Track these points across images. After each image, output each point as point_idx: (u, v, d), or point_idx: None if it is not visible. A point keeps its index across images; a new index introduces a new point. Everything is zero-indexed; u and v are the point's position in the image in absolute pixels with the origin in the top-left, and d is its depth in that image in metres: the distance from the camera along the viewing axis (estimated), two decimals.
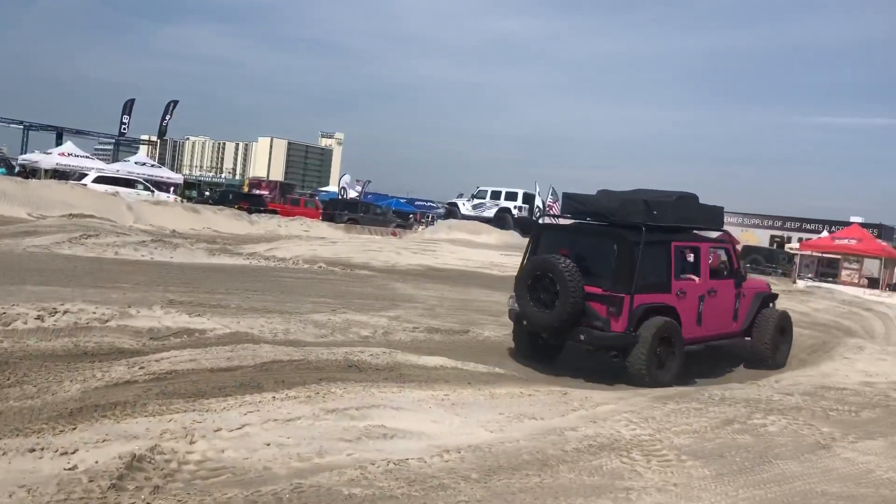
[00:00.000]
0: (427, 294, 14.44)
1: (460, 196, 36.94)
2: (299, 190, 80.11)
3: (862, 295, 23.24)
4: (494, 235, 29.64)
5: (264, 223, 31.31)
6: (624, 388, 7.92)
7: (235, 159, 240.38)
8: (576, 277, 8.41)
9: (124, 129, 46.90)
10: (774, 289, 12.12)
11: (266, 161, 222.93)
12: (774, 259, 39.54)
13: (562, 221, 13.87)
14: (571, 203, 10.06)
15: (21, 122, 44.45)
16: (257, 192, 52.63)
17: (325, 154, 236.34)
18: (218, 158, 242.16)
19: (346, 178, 50.31)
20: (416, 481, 4.21)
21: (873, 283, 33.34)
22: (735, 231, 46.58)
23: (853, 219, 36.05)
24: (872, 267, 36.60)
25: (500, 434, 5.29)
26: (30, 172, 34.86)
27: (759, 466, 5.22)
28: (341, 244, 24.06)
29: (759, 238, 46.03)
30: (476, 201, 34.02)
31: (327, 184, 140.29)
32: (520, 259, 9.62)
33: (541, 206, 33.70)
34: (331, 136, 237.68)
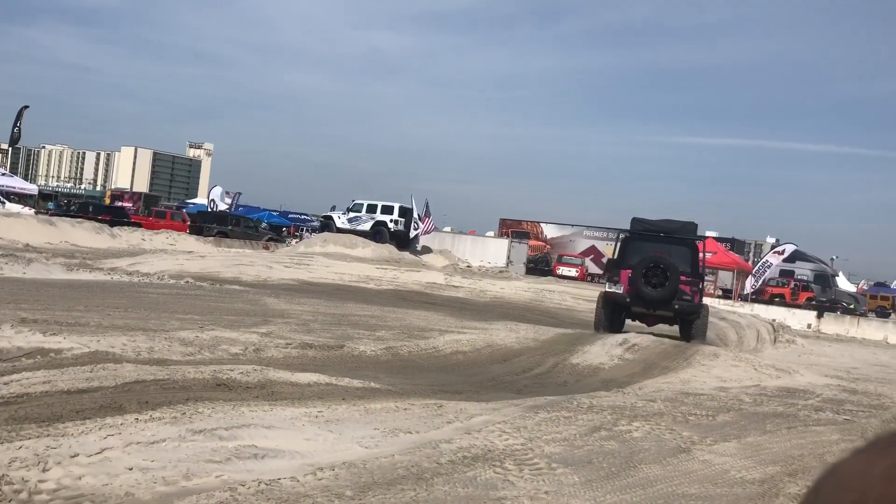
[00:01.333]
0: (301, 309, 14.20)
1: (334, 209, 36.64)
2: (165, 202, 77.08)
3: (717, 305, 24.74)
4: (370, 249, 29.58)
5: (127, 237, 29.88)
6: (497, 400, 8.06)
7: (96, 169, 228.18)
8: (677, 268, 13.84)
9: None
10: None
11: (130, 171, 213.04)
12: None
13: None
14: (641, 223, 15.38)
15: None
16: (120, 204, 50.23)
17: (194, 165, 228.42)
18: (77, 168, 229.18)
19: (217, 189, 48.78)
20: (289, 501, 4.11)
21: (727, 294, 35.65)
22: (600, 245, 48.62)
23: (708, 233, 38.45)
24: (726, 279, 39.15)
25: (375, 449, 5.25)
26: None
27: (624, 471, 5.44)
28: (210, 258, 23.32)
29: None
30: (352, 214, 33.85)
31: (195, 196, 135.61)
32: (395, 273, 10.54)
33: (417, 219, 33.94)
34: (199, 147, 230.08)
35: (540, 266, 42.71)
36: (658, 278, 13.74)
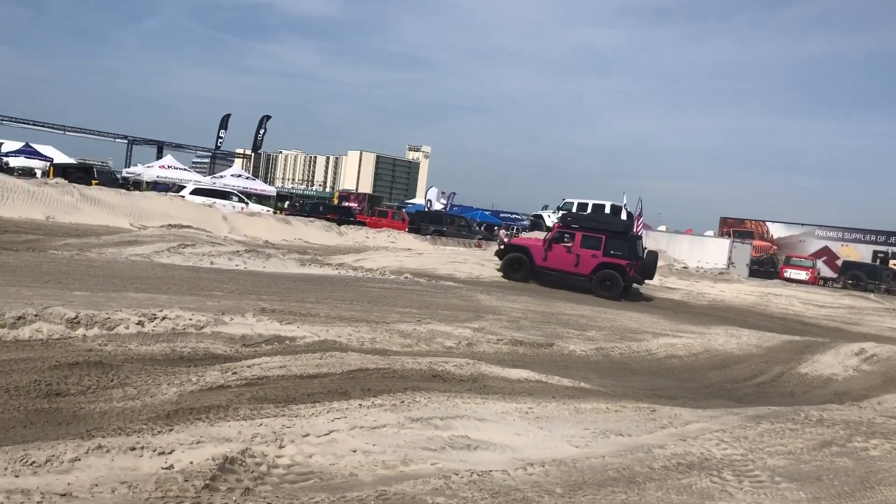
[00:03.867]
0: (511, 306, 14.40)
1: (545, 208, 36.66)
2: (387, 202, 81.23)
3: None
4: None
5: (353, 234, 31.91)
6: (715, 408, 7.68)
7: (326, 172, 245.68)
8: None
9: (220, 142, 48.70)
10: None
11: (355, 174, 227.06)
12: (878, 276, 37.61)
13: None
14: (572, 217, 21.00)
15: (125, 137, 46.79)
16: (346, 204, 53.70)
17: (412, 167, 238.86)
18: (309, 171, 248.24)
19: (433, 190, 50.73)
20: (500, 493, 4.19)
21: None
22: (835, 246, 44.65)
23: None
24: None
25: (585, 449, 5.21)
26: (133, 184, 36.62)
27: (859, 491, 4.97)
28: (427, 256, 24.27)
29: (862, 253, 43.87)
30: (561, 213, 33.70)
31: (414, 196, 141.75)
32: None
33: (630, 218, 33.09)
34: (418, 150, 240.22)
35: (765, 268, 40.10)
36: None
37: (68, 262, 13.17)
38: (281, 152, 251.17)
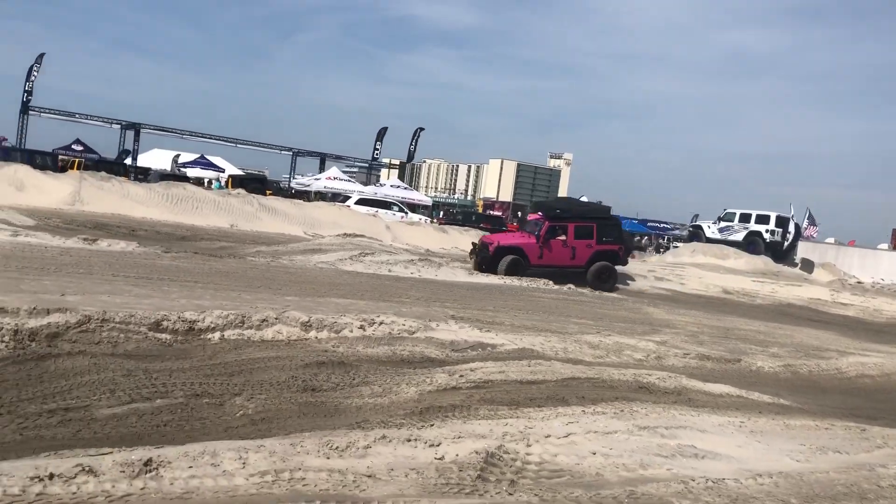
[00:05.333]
0: (683, 320, 14.38)
1: (696, 218, 35.76)
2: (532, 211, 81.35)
3: None
4: (743, 260, 28.41)
5: None
6: None
7: (468, 180, 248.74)
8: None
9: (377, 153, 50.73)
10: None
11: (496, 182, 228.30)
12: None
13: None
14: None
15: (290, 149, 49.68)
16: (490, 212, 54.47)
17: (553, 174, 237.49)
18: (451, 180, 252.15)
19: (584, 199, 50.51)
20: (738, 500, 4.45)
21: None
22: None
23: None
24: None
25: (807, 464, 5.36)
26: (300, 194, 38.93)
27: None
28: None
29: None
30: (722, 224, 32.83)
31: None
32: (773, 287, 10.31)
33: (793, 229, 31.82)
34: (559, 157, 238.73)
35: None
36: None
37: (268, 268, 14.40)
38: (425, 161, 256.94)
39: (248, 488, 3.67)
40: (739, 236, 31.79)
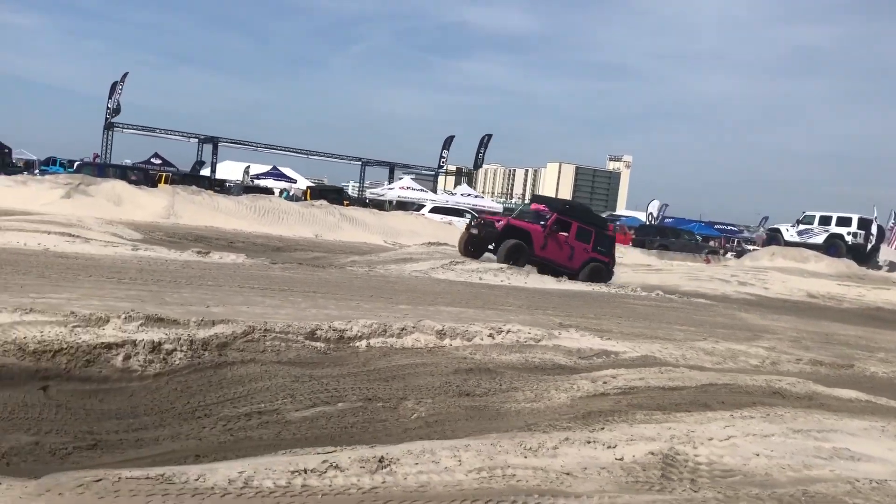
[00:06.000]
0: (780, 325, 14.43)
1: (765, 220, 35.30)
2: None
3: None
4: (824, 264, 28.08)
5: None
6: None
7: (525, 185, 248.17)
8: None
9: (443, 161, 51.39)
10: None
11: (553, 186, 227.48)
12: None
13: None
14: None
15: (359, 159, 50.68)
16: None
17: (613, 177, 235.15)
18: (508, 184, 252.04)
19: (654, 203, 50.39)
20: None
21: None
22: None
23: None
24: None
25: None
26: (372, 203, 39.83)
27: None
28: (666, 272, 24.47)
29: None
30: (801, 227, 32.41)
31: (614, 208, 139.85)
32: (860, 290, 10.38)
33: (876, 232, 31.23)
34: (618, 159, 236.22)
35: None
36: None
37: (369, 278, 14.97)
38: (481, 167, 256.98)
39: (471, 483, 4.09)
40: (820, 239, 31.37)
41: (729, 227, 68.09)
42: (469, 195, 40.45)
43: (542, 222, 20.02)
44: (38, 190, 24.62)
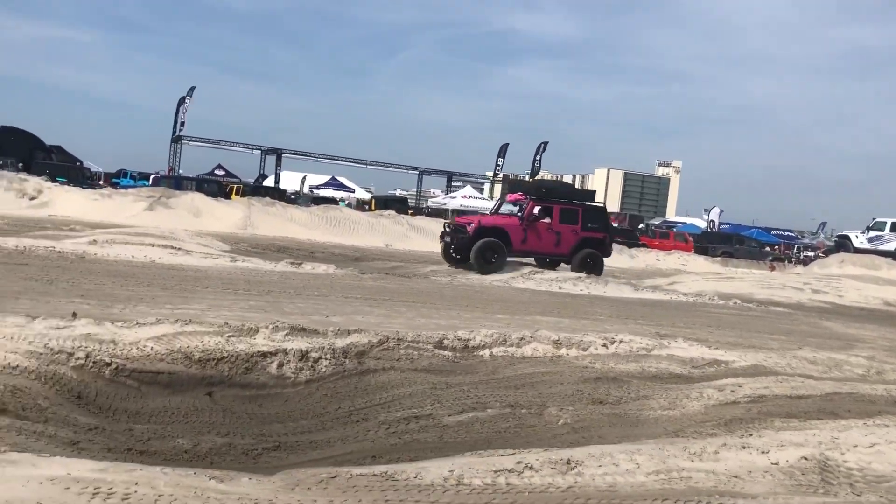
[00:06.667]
0: (867, 334, 14.43)
1: (823, 225, 34.84)
2: (649, 222, 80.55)
3: None
4: None
5: (643, 257, 32.70)
6: None
7: None
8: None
9: (499, 169, 51.73)
10: None
11: (602, 192, 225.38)
12: None
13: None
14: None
15: (416, 168, 51.35)
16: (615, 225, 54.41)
17: (662, 182, 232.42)
18: None
19: (715, 210, 50.03)
20: None
21: None
22: None
23: None
24: None
25: None
26: (433, 212, 40.37)
27: None
28: (738, 280, 24.40)
29: None
30: (872, 234, 31.96)
31: (663, 213, 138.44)
32: None
33: None
34: (668, 164, 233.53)
35: None
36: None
37: (455, 287, 15.38)
38: (526, 174, 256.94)
39: (653, 484, 4.41)
40: (891, 246, 30.88)
41: (787, 234, 67.06)
42: None
43: (518, 213, 19.03)
44: (122, 203, 25.65)
